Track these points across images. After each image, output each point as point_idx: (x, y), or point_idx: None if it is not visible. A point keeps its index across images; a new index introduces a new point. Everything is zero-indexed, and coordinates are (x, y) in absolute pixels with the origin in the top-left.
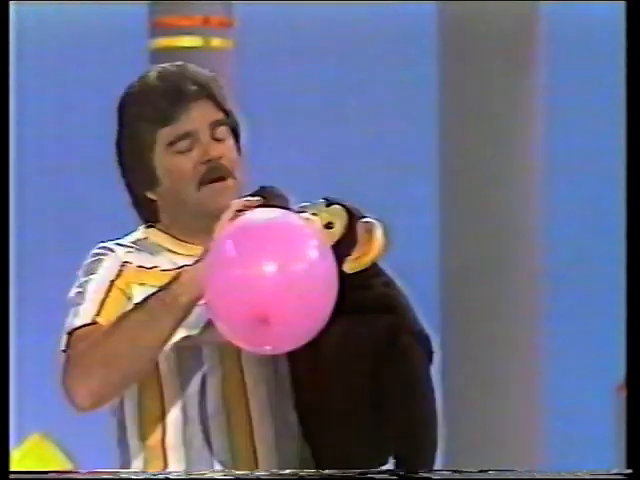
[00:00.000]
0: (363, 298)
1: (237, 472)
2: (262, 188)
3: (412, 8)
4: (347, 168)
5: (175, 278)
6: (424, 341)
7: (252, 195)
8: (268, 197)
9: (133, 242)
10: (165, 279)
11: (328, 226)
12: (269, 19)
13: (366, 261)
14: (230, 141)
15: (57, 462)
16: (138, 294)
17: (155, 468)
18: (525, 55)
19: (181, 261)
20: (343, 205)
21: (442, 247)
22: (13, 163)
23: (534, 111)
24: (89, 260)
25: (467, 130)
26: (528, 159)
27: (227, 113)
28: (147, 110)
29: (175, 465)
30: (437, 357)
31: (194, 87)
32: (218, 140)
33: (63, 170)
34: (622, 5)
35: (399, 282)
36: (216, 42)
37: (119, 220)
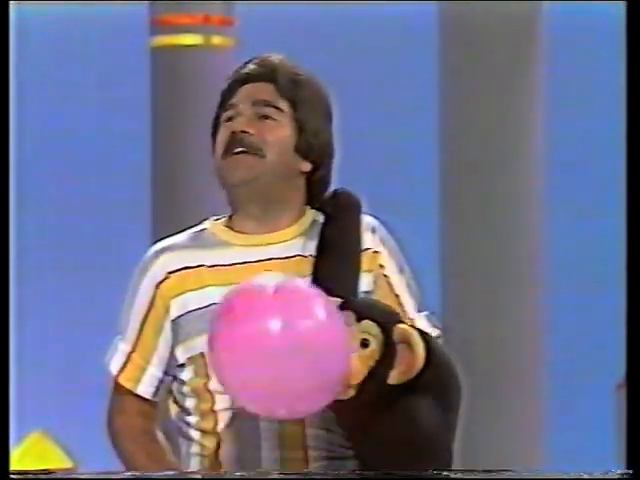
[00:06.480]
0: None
1: (237, 473)
2: (336, 192)
3: (412, 8)
4: (347, 167)
5: None
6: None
7: (328, 199)
8: (342, 204)
9: (190, 235)
10: (206, 278)
11: (364, 343)
12: (270, 17)
13: (411, 373)
14: (281, 123)
15: (57, 460)
16: (177, 308)
17: (211, 457)
18: (525, 54)
19: (235, 253)
20: (375, 320)
21: (442, 248)
22: (13, 161)
23: (534, 110)
24: (137, 270)
25: (468, 129)
26: (529, 158)
27: (291, 100)
28: (221, 95)
29: (227, 455)
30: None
31: (254, 70)
32: (262, 118)
33: (64, 168)
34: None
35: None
36: (217, 40)
37: (119, 219)
